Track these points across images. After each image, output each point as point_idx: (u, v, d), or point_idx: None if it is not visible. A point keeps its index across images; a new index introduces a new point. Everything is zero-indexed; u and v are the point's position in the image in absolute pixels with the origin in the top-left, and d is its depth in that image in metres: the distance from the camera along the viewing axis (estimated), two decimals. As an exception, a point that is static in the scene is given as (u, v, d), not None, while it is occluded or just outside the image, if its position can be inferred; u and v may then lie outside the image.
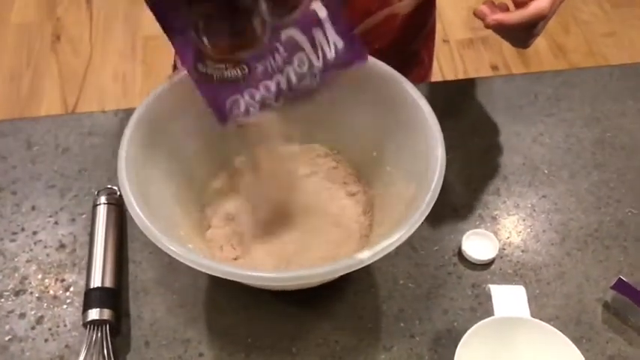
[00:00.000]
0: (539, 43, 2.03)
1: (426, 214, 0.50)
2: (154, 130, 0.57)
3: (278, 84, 0.51)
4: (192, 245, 0.54)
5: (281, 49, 0.49)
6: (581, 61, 1.98)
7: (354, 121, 0.63)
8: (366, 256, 0.48)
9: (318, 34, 0.49)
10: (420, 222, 0.50)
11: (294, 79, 0.50)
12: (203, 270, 0.47)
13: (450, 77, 1.90)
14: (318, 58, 0.50)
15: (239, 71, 0.49)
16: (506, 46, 2.03)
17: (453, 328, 0.58)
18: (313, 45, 0.50)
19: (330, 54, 0.50)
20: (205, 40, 0.48)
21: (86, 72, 1.94)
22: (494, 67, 1.97)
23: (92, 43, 2.01)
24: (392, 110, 0.59)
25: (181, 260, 0.47)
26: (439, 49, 2.01)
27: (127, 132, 0.55)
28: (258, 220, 0.61)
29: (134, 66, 1.96)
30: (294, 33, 0.49)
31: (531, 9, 0.58)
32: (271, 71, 0.50)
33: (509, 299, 0.52)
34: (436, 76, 1.21)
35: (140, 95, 1.84)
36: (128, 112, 0.72)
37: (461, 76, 1.93)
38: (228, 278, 0.49)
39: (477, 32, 2.08)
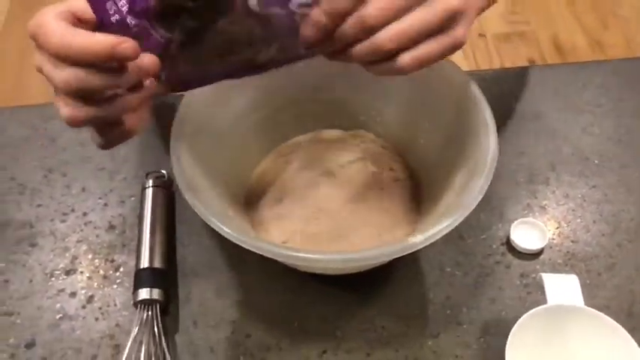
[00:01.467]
0: (578, 38, 2.00)
1: (479, 199, 0.49)
2: (203, 113, 0.57)
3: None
4: (239, 226, 0.55)
5: None
6: (619, 56, 1.95)
7: (401, 107, 0.63)
8: (419, 239, 0.48)
9: None
10: (473, 207, 0.49)
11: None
12: (254, 250, 0.47)
13: (488, 71, 1.88)
14: None
15: None
16: (544, 41, 2.03)
17: (500, 317, 0.57)
18: None
19: None
20: None
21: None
22: (532, 61, 1.95)
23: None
24: (440, 95, 0.59)
25: (233, 240, 0.47)
26: (475, 44, 1.99)
27: (179, 114, 0.55)
28: (305, 205, 0.61)
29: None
30: None
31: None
32: None
33: (561, 288, 0.51)
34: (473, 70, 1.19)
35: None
36: (174, 98, 0.73)
37: (498, 71, 1.91)
38: (279, 259, 0.50)
39: (514, 26, 2.06)
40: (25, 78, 1.90)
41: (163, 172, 0.65)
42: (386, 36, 0.41)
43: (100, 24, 0.40)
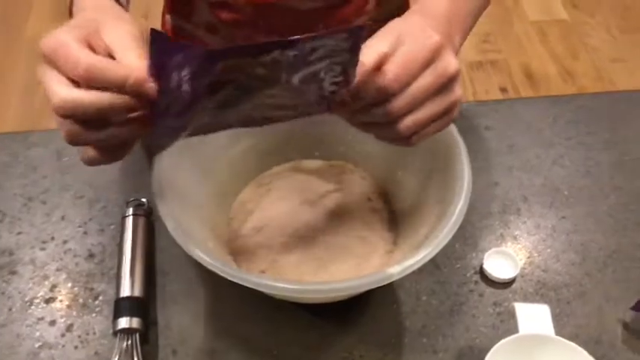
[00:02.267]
0: (549, 67, 2.06)
1: (454, 231, 0.51)
2: (184, 147, 0.58)
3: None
4: (219, 257, 0.56)
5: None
6: (589, 86, 2.01)
7: (378, 141, 0.64)
8: (396, 270, 0.49)
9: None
10: (448, 239, 0.51)
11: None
12: (234, 280, 0.48)
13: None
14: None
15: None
16: (515, 69, 2.08)
17: (475, 345, 0.58)
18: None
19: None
20: None
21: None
22: (504, 90, 1.99)
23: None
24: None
25: (214, 270, 0.48)
26: (449, 71, 2.03)
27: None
28: (284, 234, 0.62)
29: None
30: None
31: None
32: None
33: (533, 317, 0.53)
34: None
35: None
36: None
37: (470, 99, 1.95)
38: (259, 289, 0.50)
39: (486, 55, 2.11)
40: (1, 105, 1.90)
41: (143, 200, 0.65)
42: (401, 102, 0.44)
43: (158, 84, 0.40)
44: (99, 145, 0.43)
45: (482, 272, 0.63)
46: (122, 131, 0.42)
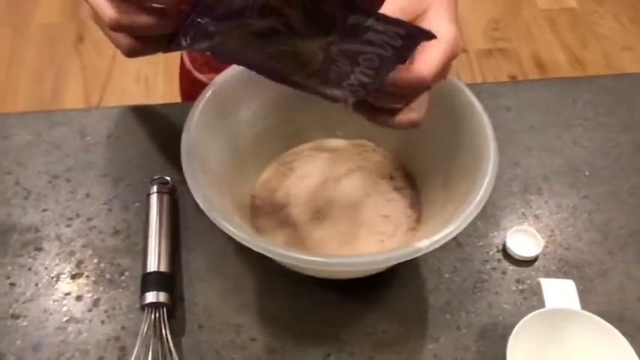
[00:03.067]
0: (558, 56, 2.05)
1: (482, 206, 0.52)
2: (210, 124, 0.58)
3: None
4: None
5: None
6: (599, 73, 2.00)
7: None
8: (425, 244, 0.50)
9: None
10: (476, 213, 0.51)
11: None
12: (266, 253, 0.49)
13: (471, 87, 1.92)
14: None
15: None
16: (525, 57, 2.07)
17: (498, 321, 0.59)
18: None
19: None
20: None
21: (109, 74, 1.97)
22: (513, 78, 1.99)
23: (116, 44, 2.03)
24: (442, 107, 0.61)
25: (246, 244, 0.49)
26: (458, 59, 2.03)
27: (193, 117, 0.56)
28: (307, 212, 0.62)
29: (157, 69, 1.98)
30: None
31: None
32: None
33: (559, 292, 0.53)
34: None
35: (163, 98, 1.87)
36: (175, 106, 0.75)
37: (481, 86, 1.95)
38: (287, 262, 0.51)
39: (495, 43, 2.11)
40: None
41: (167, 178, 0.66)
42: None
43: None
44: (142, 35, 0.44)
45: (504, 250, 0.63)
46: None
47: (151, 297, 0.56)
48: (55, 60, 2.00)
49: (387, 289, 0.61)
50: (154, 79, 1.95)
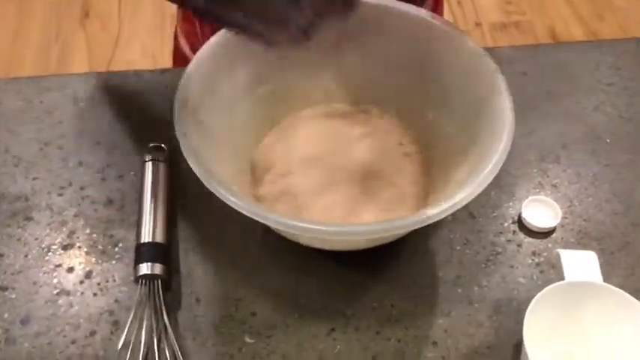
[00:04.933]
0: (574, 29, 2.00)
1: (495, 173, 0.48)
2: (206, 87, 0.55)
3: None
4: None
5: None
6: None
7: (410, 81, 0.61)
8: (433, 212, 0.46)
9: None
10: (489, 182, 0.48)
11: None
12: (265, 221, 0.46)
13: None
14: None
15: None
16: (540, 31, 2.01)
17: (513, 296, 0.55)
18: None
19: None
20: None
21: (115, 48, 1.94)
22: (528, 52, 1.94)
23: (121, 19, 2.00)
24: (448, 65, 0.57)
25: (244, 212, 0.46)
26: (472, 32, 1.98)
27: (181, 88, 0.53)
28: (311, 180, 0.59)
29: (162, 43, 1.95)
30: None
31: None
32: None
33: (579, 264, 0.50)
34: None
35: (169, 72, 1.83)
36: (174, 72, 0.71)
37: (494, 60, 1.90)
38: (289, 231, 0.48)
39: (509, 16, 2.05)
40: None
41: (163, 145, 0.63)
42: None
43: None
44: None
45: (520, 221, 0.60)
46: None
47: (145, 268, 0.53)
48: (60, 35, 1.97)
49: (394, 262, 0.57)
50: (161, 54, 1.92)
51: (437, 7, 0.81)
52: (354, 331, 0.53)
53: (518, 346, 0.52)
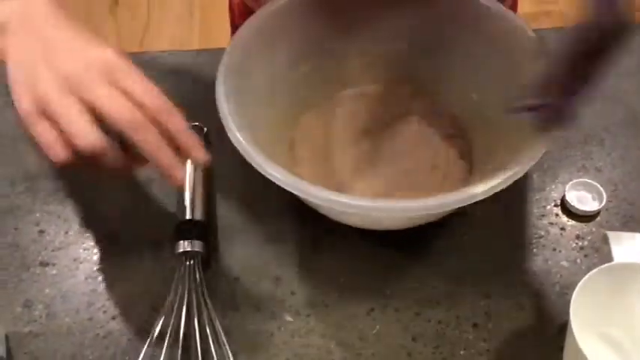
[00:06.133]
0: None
1: (542, 153, 0.47)
2: (247, 64, 0.55)
3: None
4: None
5: None
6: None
7: (454, 59, 0.60)
8: (480, 190, 0.45)
9: None
10: (536, 160, 0.47)
11: None
12: (304, 196, 0.45)
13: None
14: None
15: None
16: (572, 20, 1.98)
17: (556, 280, 0.54)
18: None
19: None
20: None
21: (143, 36, 1.94)
22: (559, 42, 1.91)
23: (149, 7, 2.01)
24: (497, 45, 0.56)
25: (285, 186, 0.45)
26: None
27: (223, 65, 0.53)
28: (350, 161, 0.59)
29: (191, 31, 1.95)
30: None
31: None
32: None
33: (628, 246, 0.48)
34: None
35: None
36: (210, 52, 0.71)
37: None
38: (331, 206, 0.47)
39: (540, 6, 2.02)
40: None
41: (201, 125, 0.62)
42: None
43: None
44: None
45: (563, 205, 0.59)
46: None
47: (185, 245, 0.53)
48: (90, 23, 1.98)
49: (435, 242, 0.57)
50: (189, 42, 1.92)
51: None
52: (393, 312, 0.53)
53: (561, 331, 0.51)
